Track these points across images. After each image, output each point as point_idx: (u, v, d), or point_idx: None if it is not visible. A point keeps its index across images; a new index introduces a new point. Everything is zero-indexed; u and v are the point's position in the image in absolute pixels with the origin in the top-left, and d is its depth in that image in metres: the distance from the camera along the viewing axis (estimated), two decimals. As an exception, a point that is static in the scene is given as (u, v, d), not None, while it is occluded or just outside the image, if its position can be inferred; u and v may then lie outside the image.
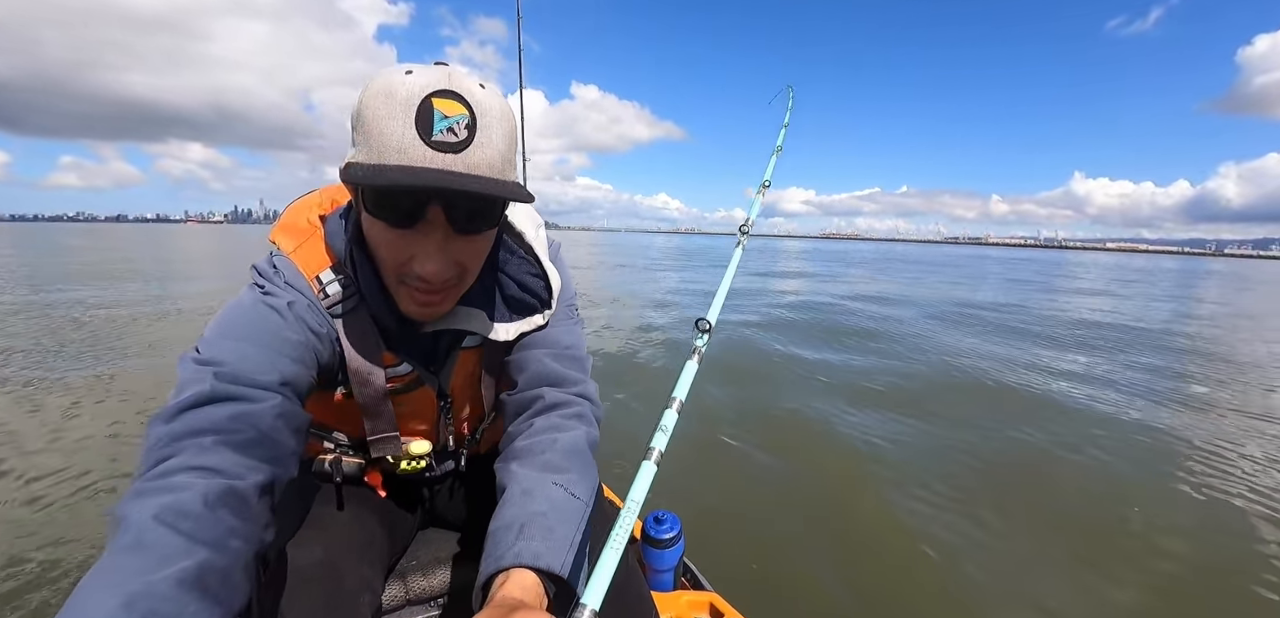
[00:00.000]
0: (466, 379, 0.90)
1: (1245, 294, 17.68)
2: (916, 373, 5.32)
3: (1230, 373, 5.87)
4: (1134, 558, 2.35)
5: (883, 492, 2.88)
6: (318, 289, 0.75)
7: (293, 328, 0.69)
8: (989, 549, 2.40)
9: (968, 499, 2.83)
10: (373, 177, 0.59)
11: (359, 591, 0.78)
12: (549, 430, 0.78)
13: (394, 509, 0.99)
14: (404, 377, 0.84)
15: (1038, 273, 24.79)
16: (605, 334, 6.92)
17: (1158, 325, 9.18)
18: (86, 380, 4.42)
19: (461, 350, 0.86)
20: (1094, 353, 6.54)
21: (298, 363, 0.68)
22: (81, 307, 8.17)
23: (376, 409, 0.84)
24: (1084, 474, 3.18)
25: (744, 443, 3.47)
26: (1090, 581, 2.19)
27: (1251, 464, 3.36)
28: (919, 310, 9.97)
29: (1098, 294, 14.92)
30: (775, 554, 2.29)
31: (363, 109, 0.61)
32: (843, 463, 3.25)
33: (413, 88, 0.60)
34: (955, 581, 2.17)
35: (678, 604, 1.26)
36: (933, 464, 3.22)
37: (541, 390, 0.82)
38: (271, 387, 0.63)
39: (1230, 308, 12.94)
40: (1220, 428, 4.00)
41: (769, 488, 2.87)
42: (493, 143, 0.63)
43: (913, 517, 2.64)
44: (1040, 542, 2.46)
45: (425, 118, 0.59)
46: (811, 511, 2.66)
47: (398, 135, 0.59)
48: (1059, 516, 2.68)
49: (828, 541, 2.41)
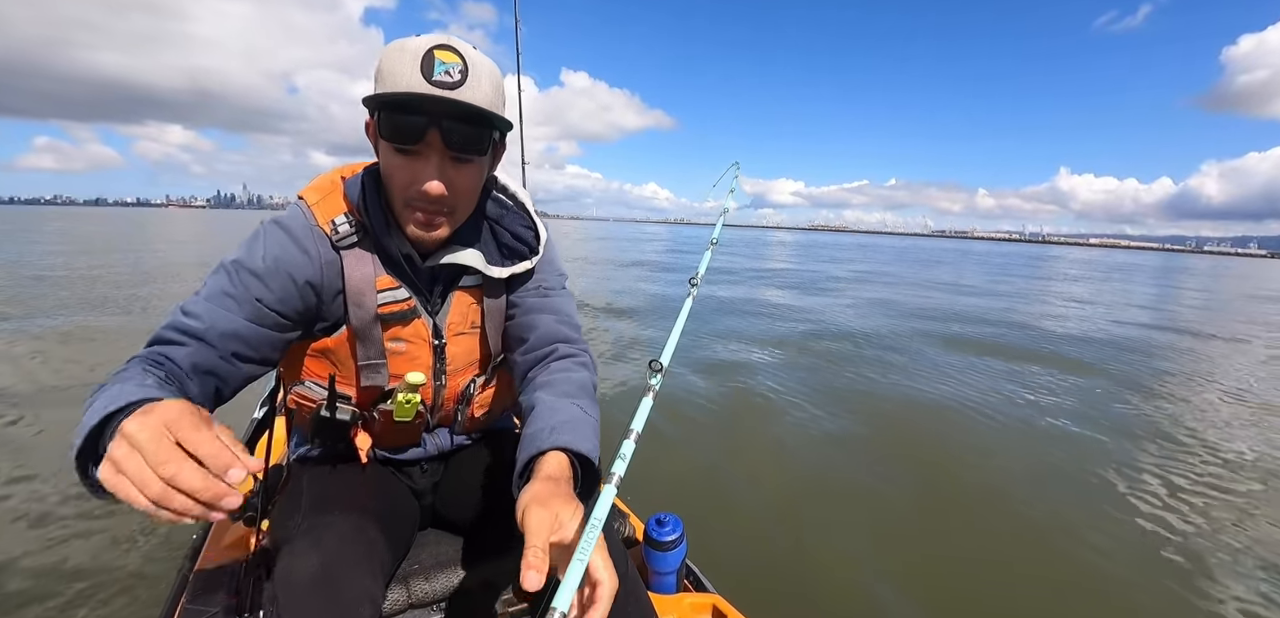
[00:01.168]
0: (462, 320, 0.98)
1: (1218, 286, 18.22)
2: (923, 377, 5.36)
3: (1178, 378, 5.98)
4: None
5: (885, 492, 2.90)
6: (330, 229, 0.88)
7: (268, 285, 0.83)
8: (992, 551, 2.42)
9: (970, 498, 2.86)
10: (386, 100, 0.77)
11: (359, 601, 0.78)
12: (564, 370, 0.93)
13: (393, 515, 0.98)
14: (399, 303, 0.91)
15: (1026, 266, 25.22)
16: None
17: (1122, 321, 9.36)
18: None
19: (458, 290, 0.97)
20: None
21: (254, 321, 0.82)
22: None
23: (368, 333, 0.91)
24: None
25: (746, 444, 3.48)
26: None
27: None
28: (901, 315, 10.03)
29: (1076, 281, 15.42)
30: (778, 556, 2.30)
31: (382, 61, 0.79)
32: (845, 464, 3.27)
33: (420, 43, 0.78)
34: (957, 580, 2.19)
35: (680, 607, 1.25)
36: (938, 466, 3.25)
37: (555, 345, 0.98)
38: (201, 336, 0.78)
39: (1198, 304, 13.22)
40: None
41: (772, 490, 2.87)
42: (481, 86, 0.79)
43: (915, 518, 2.66)
44: (1043, 549, 2.49)
45: (428, 64, 0.76)
46: (815, 512, 2.67)
47: (407, 76, 0.76)
48: (1068, 527, 2.72)
49: (831, 542, 2.42)
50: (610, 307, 8.78)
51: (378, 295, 0.90)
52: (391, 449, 1.08)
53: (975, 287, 14.58)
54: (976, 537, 2.50)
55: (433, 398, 1.01)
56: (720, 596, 1.29)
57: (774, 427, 3.71)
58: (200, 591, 1.07)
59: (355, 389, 0.96)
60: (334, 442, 1.00)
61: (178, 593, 1.14)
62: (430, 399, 1.01)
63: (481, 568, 1.06)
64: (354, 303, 0.89)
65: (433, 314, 0.96)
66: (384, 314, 0.91)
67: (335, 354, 0.93)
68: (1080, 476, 3.14)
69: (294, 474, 1.06)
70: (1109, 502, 2.84)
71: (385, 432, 1.03)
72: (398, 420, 0.98)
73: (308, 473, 1.01)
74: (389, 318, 0.91)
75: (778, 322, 7.75)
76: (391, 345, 0.93)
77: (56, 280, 9.18)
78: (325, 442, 1.00)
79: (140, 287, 8.90)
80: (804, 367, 5.25)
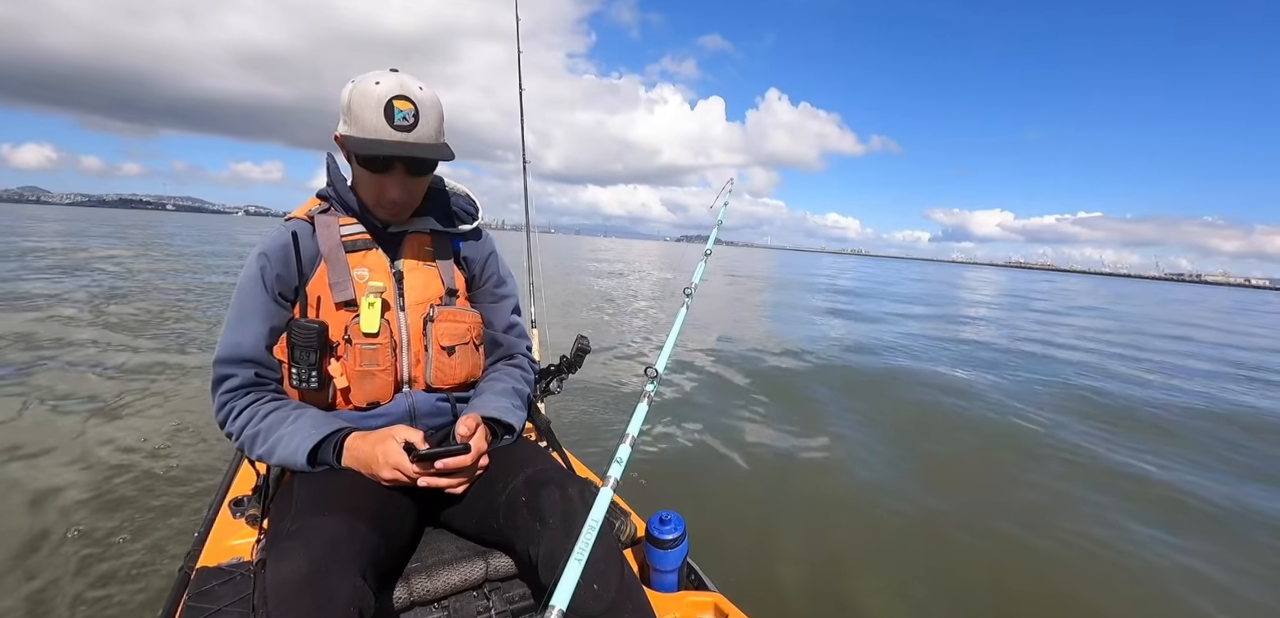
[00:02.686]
0: (415, 257, 1.19)
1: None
2: (932, 385, 5.35)
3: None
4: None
5: (889, 494, 2.89)
6: (306, 215, 1.14)
7: (269, 273, 1.08)
8: (993, 554, 2.41)
9: (973, 501, 2.85)
10: (361, 147, 1.05)
11: (348, 602, 0.79)
12: (503, 375, 1.26)
13: (390, 514, 0.99)
14: (359, 235, 1.15)
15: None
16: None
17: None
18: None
19: (410, 234, 1.19)
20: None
21: (272, 300, 1.09)
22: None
23: (335, 257, 1.11)
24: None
25: (748, 444, 3.48)
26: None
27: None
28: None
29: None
30: (780, 555, 2.29)
31: (351, 103, 1.04)
32: (849, 464, 3.26)
33: (381, 93, 1.02)
34: (957, 581, 2.18)
35: (682, 605, 1.25)
36: (943, 470, 3.24)
37: (510, 346, 1.30)
38: (245, 353, 1.07)
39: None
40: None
41: (774, 489, 2.87)
42: (429, 124, 1.06)
43: (919, 519, 2.65)
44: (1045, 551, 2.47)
45: (389, 112, 1.02)
46: (817, 512, 2.66)
47: (374, 124, 1.03)
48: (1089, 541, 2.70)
49: (833, 542, 2.42)
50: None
51: (341, 230, 1.13)
52: (372, 405, 1.12)
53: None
54: (981, 537, 2.49)
55: (399, 329, 1.14)
56: (722, 594, 1.28)
57: (777, 426, 3.69)
58: (202, 588, 1.08)
59: (331, 313, 1.09)
60: (313, 378, 1.07)
61: (179, 591, 1.14)
62: (396, 327, 1.13)
63: (482, 566, 1.06)
64: (322, 234, 1.12)
65: (389, 253, 1.17)
66: (347, 242, 1.13)
67: (310, 294, 1.10)
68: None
69: (292, 474, 1.07)
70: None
71: (358, 371, 1.09)
72: (366, 332, 1.08)
73: (304, 473, 1.02)
74: (351, 245, 1.13)
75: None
76: (356, 273, 1.11)
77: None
78: (305, 382, 1.07)
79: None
80: (809, 367, 5.22)
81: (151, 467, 2.79)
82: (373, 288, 1.11)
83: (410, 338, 1.14)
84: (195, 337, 5.76)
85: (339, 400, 1.11)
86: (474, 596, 1.05)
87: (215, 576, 1.11)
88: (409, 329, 1.14)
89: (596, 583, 0.86)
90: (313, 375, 1.05)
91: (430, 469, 1.00)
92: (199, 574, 1.13)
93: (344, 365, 1.08)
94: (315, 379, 1.05)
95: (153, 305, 7.44)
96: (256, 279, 1.08)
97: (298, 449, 1.00)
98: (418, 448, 0.99)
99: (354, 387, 1.09)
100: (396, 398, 1.14)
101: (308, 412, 1.07)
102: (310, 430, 1.02)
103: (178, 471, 2.77)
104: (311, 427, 1.03)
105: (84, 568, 2.03)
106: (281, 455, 1.02)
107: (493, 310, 1.30)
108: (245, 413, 1.06)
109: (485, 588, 1.07)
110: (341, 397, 1.10)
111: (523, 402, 1.25)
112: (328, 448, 1.02)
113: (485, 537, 1.09)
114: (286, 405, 1.08)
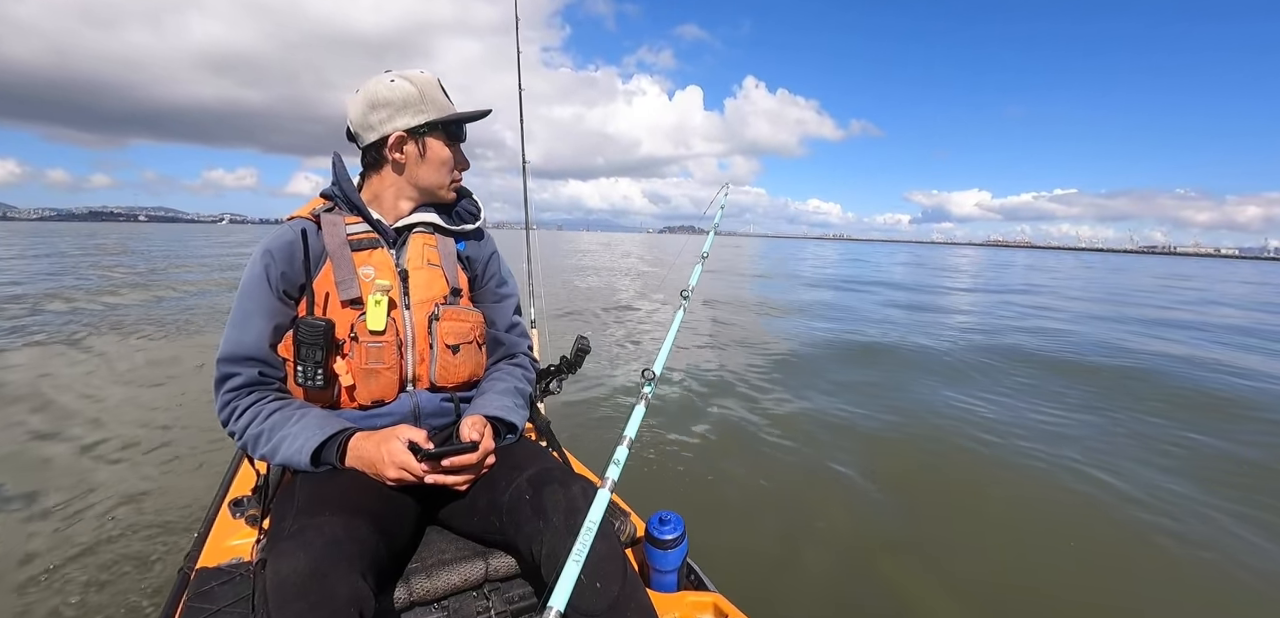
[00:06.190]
0: (419, 256, 1.20)
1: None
2: (927, 376, 5.35)
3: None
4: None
5: (890, 494, 2.89)
6: (312, 215, 1.15)
7: (273, 271, 1.08)
8: (992, 552, 2.41)
9: (973, 502, 2.85)
10: (456, 119, 1.20)
11: (348, 603, 0.79)
12: (505, 374, 1.28)
13: (390, 514, 1.00)
14: (364, 233, 1.16)
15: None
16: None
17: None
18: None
19: (415, 233, 1.21)
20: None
21: (276, 298, 1.09)
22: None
23: (340, 255, 1.11)
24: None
25: (749, 443, 3.48)
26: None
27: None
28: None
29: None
30: (780, 555, 2.29)
31: (423, 92, 1.16)
32: (851, 464, 3.26)
33: (429, 79, 1.19)
34: (958, 581, 2.18)
35: (682, 605, 1.25)
36: (943, 470, 3.24)
37: (511, 345, 1.33)
38: (248, 352, 1.07)
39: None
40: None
41: (774, 489, 2.87)
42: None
43: (919, 519, 2.65)
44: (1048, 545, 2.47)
45: (444, 91, 1.20)
46: (818, 512, 2.66)
47: (443, 102, 1.19)
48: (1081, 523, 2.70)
49: (834, 542, 2.41)
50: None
51: (347, 228, 1.15)
52: (376, 404, 1.12)
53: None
54: (981, 536, 2.49)
55: (405, 327, 1.14)
56: (721, 594, 1.28)
57: (779, 427, 3.68)
58: (202, 589, 1.08)
59: (337, 310, 1.09)
60: (318, 376, 1.06)
61: (179, 591, 1.14)
62: (402, 325, 1.13)
63: (482, 566, 1.07)
64: (328, 233, 1.13)
65: (394, 250, 1.18)
66: (353, 241, 1.14)
67: (317, 291, 1.10)
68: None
69: (292, 474, 1.08)
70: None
71: (364, 369, 1.09)
72: (372, 329, 1.08)
73: (304, 473, 1.03)
74: (357, 244, 1.14)
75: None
76: (362, 271, 1.12)
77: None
78: (310, 380, 1.06)
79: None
80: (811, 369, 5.21)
81: (152, 467, 2.79)
82: (379, 286, 1.11)
83: (415, 336, 1.15)
84: (195, 337, 5.75)
85: (344, 399, 1.11)
86: (474, 596, 1.05)
87: (215, 576, 1.11)
88: (414, 328, 1.15)
89: (599, 582, 0.86)
90: (318, 373, 1.05)
91: (437, 467, 1.00)
92: (199, 575, 1.13)
93: (349, 363, 1.09)
94: (320, 377, 1.06)
95: (153, 307, 7.44)
96: (261, 277, 1.08)
97: (301, 449, 1.00)
98: (423, 447, 1.00)
99: (359, 385, 1.10)
100: (401, 397, 1.14)
101: (311, 411, 1.07)
102: (314, 430, 1.02)
103: (178, 470, 2.77)
104: (315, 427, 1.03)
105: (84, 568, 2.03)
106: (284, 455, 1.02)
107: (495, 310, 1.32)
108: (248, 412, 1.06)
109: (485, 588, 1.07)
110: (346, 395, 1.11)
111: (525, 401, 1.27)
112: (331, 448, 1.02)
113: (486, 536, 1.09)
114: (290, 405, 1.08)
